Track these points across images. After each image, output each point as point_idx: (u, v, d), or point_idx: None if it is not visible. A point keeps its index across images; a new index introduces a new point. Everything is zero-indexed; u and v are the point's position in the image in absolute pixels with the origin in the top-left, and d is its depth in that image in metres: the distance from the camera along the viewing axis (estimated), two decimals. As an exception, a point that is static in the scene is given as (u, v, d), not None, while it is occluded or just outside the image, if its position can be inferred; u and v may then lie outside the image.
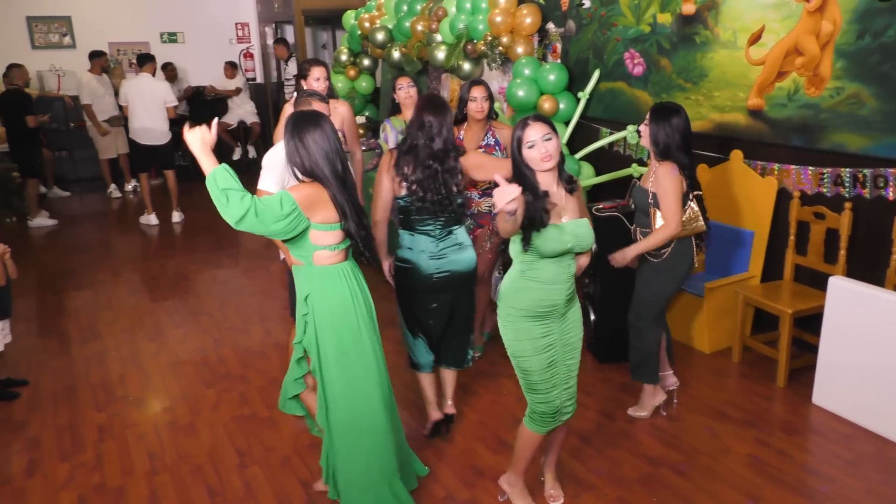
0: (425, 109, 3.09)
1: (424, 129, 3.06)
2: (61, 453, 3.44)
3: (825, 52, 3.80)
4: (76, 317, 5.18)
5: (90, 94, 8.40)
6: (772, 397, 3.80)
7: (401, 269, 3.26)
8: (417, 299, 3.27)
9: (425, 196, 3.06)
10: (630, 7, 4.97)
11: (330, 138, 2.59)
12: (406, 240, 3.21)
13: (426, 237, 3.17)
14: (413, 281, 3.22)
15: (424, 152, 3.05)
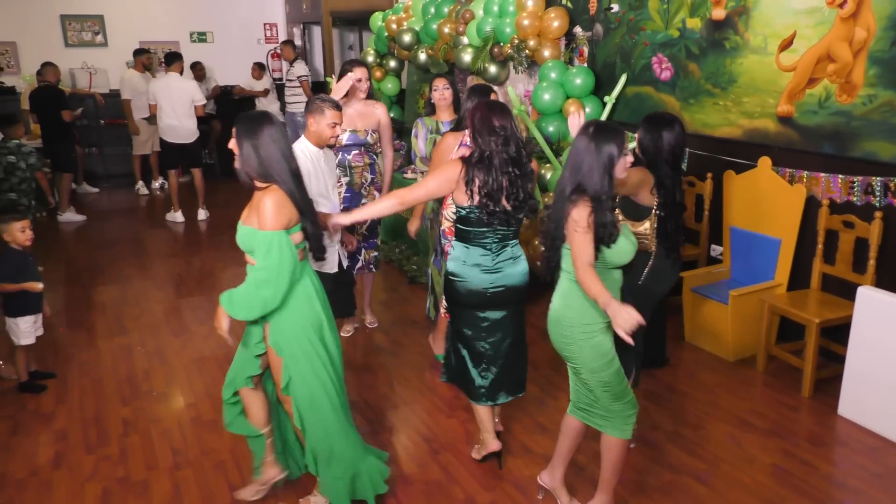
0: (493, 114, 2.84)
1: (496, 134, 2.81)
2: (87, 446, 3.50)
3: (858, 59, 3.75)
4: (103, 311, 5.25)
5: (131, 90, 8.52)
6: (797, 407, 3.75)
7: (451, 282, 3.02)
8: (469, 317, 3.04)
9: (496, 206, 2.82)
10: (659, 11, 4.94)
11: (284, 135, 2.61)
12: (459, 251, 2.98)
13: (481, 249, 2.94)
14: (464, 296, 2.98)
15: (500, 158, 2.81)
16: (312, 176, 3.39)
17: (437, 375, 4.16)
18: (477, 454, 3.30)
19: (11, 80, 9.12)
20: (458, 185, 2.85)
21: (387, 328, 4.85)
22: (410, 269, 5.75)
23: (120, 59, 9.44)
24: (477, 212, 2.85)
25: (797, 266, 4.16)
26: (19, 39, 9.23)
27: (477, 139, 2.84)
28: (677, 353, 4.36)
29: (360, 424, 3.64)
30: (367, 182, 4.44)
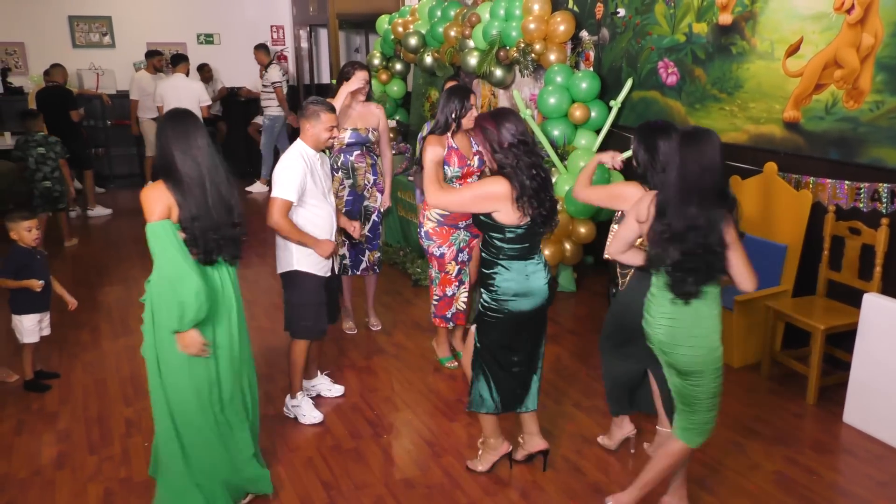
0: (504, 121, 2.81)
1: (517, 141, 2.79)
2: (90, 446, 3.50)
3: (865, 65, 3.74)
4: (108, 312, 5.26)
5: (139, 90, 8.53)
6: (802, 414, 3.73)
7: (507, 310, 2.89)
8: (514, 337, 2.98)
9: (544, 210, 2.82)
10: (665, 16, 4.93)
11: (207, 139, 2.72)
12: (520, 272, 2.87)
13: (534, 259, 2.92)
14: (528, 314, 2.92)
15: (525, 162, 2.78)
16: (310, 180, 3.39)
17: (439, 379, 4.16)
18: (518, 454, 3.27)
19: (19, 80, 9.16)
20: (508, 205, 2.76)
21: (390, 330, 4.85)
22: (414, 272, 5.75)
23: (127, 60, 9.47)
24: (530, 224, 2.82)
25: (803, 272, 4.15)
26: (27, 40, 9.27)
27: (497, 153, 2.81)
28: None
29: (361, 427, 3.64)
30: (370, 183, 4.45)
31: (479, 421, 3.17)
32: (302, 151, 3.42)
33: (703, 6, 4.62)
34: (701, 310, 2.59)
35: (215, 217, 2.69)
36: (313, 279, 3.53)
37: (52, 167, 6.58)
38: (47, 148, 6.54)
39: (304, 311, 3.56)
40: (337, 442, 3.51)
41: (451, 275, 4.09)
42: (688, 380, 2.65)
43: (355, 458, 3.38)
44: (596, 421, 3.67)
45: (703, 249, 2.46)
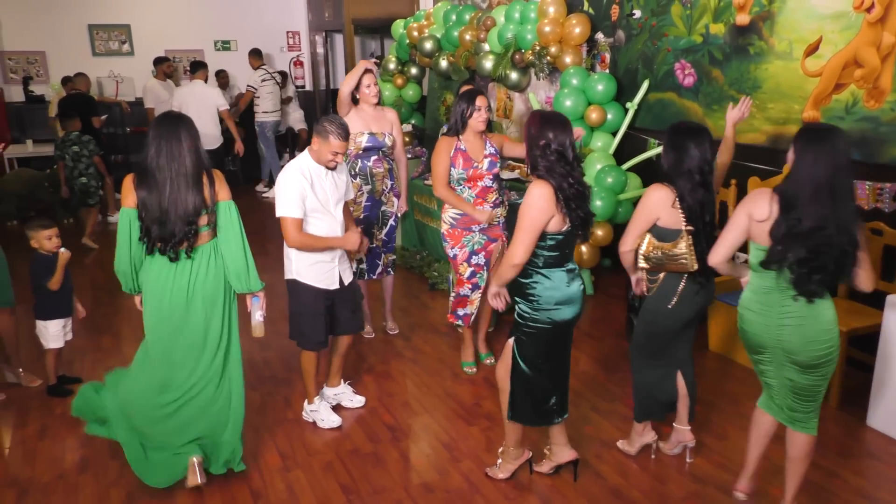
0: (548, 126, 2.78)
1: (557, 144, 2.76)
2: (112, 451, 3.52)
3: (886, 65, 3.70)
4: (129, 316, 5.31)
5: (154, 98, 8.64)
6: (824, 418, 3.66)
7: (554, 320, 2.84)
8: (555, 346, 2.94)
9: (583, 213, 2.80)
10: (682, 17, 4.91)
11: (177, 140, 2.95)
12: (561, 280, 2.84)
13: (570, 263, 2.89)
14: (571, 321, 2.89)
15: (560, 169, 2.75)
16: (309, 192, 3.35)
17: (458, 383, 4.16)
18: (544, 467, 3.22)
19: (41, 88, 9.29)
20: (553, 207, 2.72)
21: (407, 335, 4.86)
22: (431, 276, 5.76)
23: (146, 67, 9.57)
24: (570, 230, 2.80)
25: (824, 274, 4.10)
26: (48, 49, 9.40)
27: (534, 150, 2.78)
28: (701, 363, 4.31)
29: (380, 431, 3.65)
30: (388, 189, 4.47)
31: (505, 429, 3.13)
32: (303, 166, 3.39)
33: (720, 7, 4.60)
34: (823, 303, 2.59)
35: (167, 214, 2.91)
36: (311, 290, 3.51)
37: (87, 164, 7.07)
38: (81, 146, 7.02)
39: (300, 320, 3.58)
40: (355, 446, 3.52)
41: (464, 276, 4.10)
42: (816, 372, 2.65)
43: (374, 462, 3.39)
44: (615, 425, 3.65)
45: (831, 248, 2.45)
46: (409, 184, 6.23)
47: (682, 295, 3.02)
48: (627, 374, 4.14)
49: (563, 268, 2.85)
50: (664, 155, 2.98)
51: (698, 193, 2.90)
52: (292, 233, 3.34)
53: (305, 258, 3.47)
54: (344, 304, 3.65)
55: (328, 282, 3.55)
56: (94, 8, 9.53)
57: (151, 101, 8.65)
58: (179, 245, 2.96)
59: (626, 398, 3.90)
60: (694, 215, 2.91)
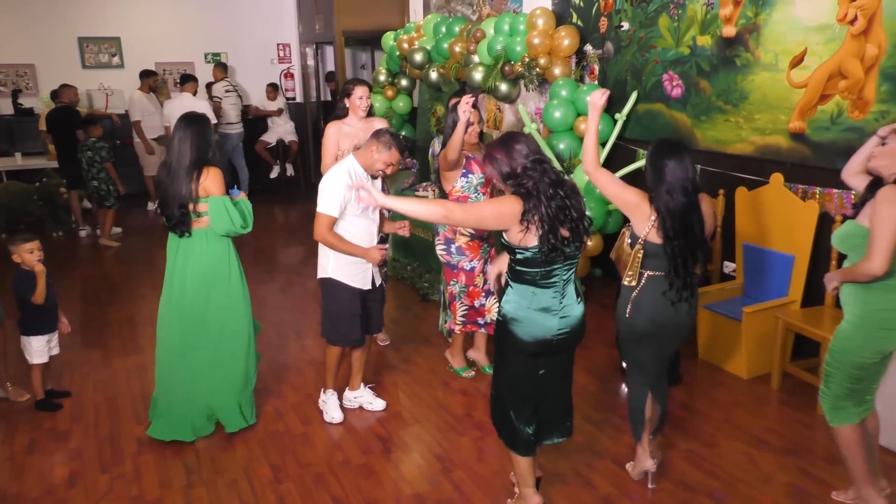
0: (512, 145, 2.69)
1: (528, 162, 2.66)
2: (101, 465, 3.51)
3: (869, 76, 3.75)
4: (119, 330, 5.29)
5: (140, 111, 8.64)
6: (813, 425, 3.71)
7: (508, 327, 2.74)
8: (522, 365, 2.79)
9: (556, 238, 2.60)
10: (669, 29, 4.96)
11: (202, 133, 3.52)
12: (521, 295, 2.71)
13: (550, 291, 2.69)
14: (526, 344, 2.72)
15: (544, 185, 2.62)
16: (353, 195, 3.43)
17: (449, 393, 4.16)
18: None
19: (30, 101, 9.27)
20: (517, 224, 2.61)
21: (398, 345, 4.86)
22: (422, 287, 5.77)
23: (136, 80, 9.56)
24: (541, 249, 2.62)
25: (811, 282, 4.14)
26: (38, 62, 9.39)
27: (510, 177, 2.67)
28: (691, 371, 4.33)
29: (371, 442, 3.65)
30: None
31: (512, 463, 2.98)
32: (350, 167, 3.50)
33: (707, 19, 4.65)
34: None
35: (168, 197, 3.47)
36: (347, 289, 3.63)
37: (99, 169, 7.45)
38: (94, 152, 7.42)
39: (335, 319, 3.69)
40: (347, 458, 3.52)
41: (479, 287, 4.13)
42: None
43: (366, 473, 3.39)
44: (607, 435, 3.66)
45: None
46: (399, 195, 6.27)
47: (635, 303, 2.94)
48: (619, 384, 4.17)
49: (534, 287, 2.68)
50: (646, 174, 2.93)
51: (678, 211, 2.81)
52: (323, 229, 3.48)
53: (343, 257, 3.58)
54: (375, 304, 3.83)
55: (363, 282, 3.67)
56: (83, 20, 9.53)
57: (137, 113, 8.63)
58: (178, 225, 3.49)
59: (618, 408, 3.92)
60: (673, 234, 2.82)
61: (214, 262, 3.58)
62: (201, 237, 3.55)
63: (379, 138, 3.48)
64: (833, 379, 2.85)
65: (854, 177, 2.98)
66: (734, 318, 4.17)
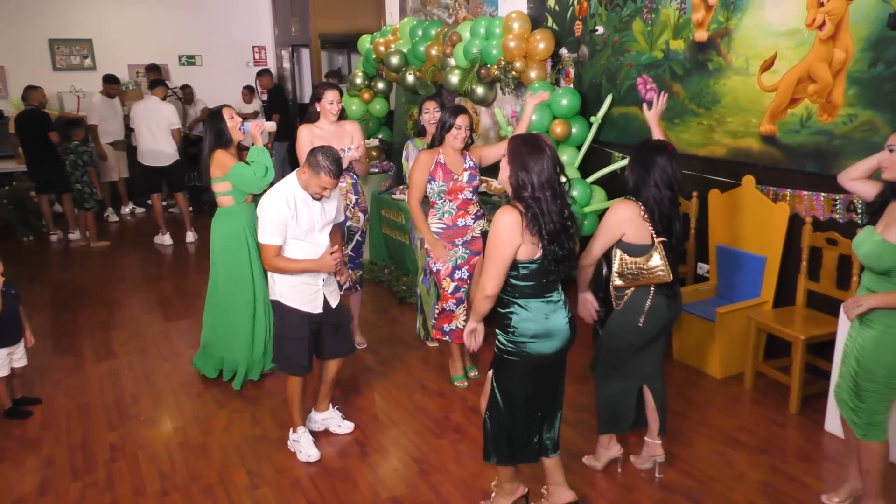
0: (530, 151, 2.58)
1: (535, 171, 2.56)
2: (73, 472, 3.46)
3: (837, 80, 3.82)
4: (91, 335, 5.22)
5: (98, 115, 8.46)
6: (785, 424, 3.77)
7: (529, 354, 2.66)
8: (534, 382, 2.75)
9: (560, 248, 2.58)
10: (643, 33, 5.01)
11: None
12: (536, 310, 2.65)
13: (553, 296, 2.69)
14: (547, 359, 2.68)
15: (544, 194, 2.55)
16: (291, 220, 3.30)
17: (426, 396, 4.16)
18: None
19: (0, 104, 9.11)
20: (523, 236, 2.55)
21: (376, 349, 4.85)
22: (399, 290, 5.76)
23: (108, 82, 9.49)
24: (544, 260, 2.59)
25: (782, 283, 4.20)
26: (7, 64, 9.24)
27: (522, 178, 2.57)
28: (666, 372, 4.32)
29: (348, 446, 3.64)
30: (352, 203, 4.48)
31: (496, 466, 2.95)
32: (288, 192, 3.31)
33: (680, 23, 4.71)
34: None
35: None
36: (295, 314, 3.41)
37: (82, 172, 7.60)
38: (77, 156, 7.56)
39: (283, 343, 3.50)
40: (324, 462, 3.50)
41: (447, 291, 4.11)
42: None
43: (343, 477, 3.37)
44: (582, 435, 3.68)
45: None
46: (376, 198, 6.26)
47: (649, 311, 3.03)
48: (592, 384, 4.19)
49: (542, 298, 2.66)
50: (630, 171, 3.00)
51: (664, 206, 2.93)
52: (269, 258, 3.34)
53: (287, 279, 3.39)
54: (330, 328, 3.55)
55: (312, 305, 3.44)
56: (54, 22, 9.39)
57: (95, 117, 8.44)
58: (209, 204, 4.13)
59: (593, 408, 3.93)
60: (662, 228, 2.93)
61: (228, 239, 4.17)
62: (223, 216, 4.21)
63: (310, 161, 3.24)
64: (871, 395, 2.76)
65: (852, 182, 2.93)
66: (708, 318, 4.22)
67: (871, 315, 2.73)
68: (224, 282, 4.25)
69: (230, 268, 4.21)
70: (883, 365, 2.71)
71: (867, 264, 2.74)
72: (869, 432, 2.81)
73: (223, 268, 4.24)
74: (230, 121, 4.16)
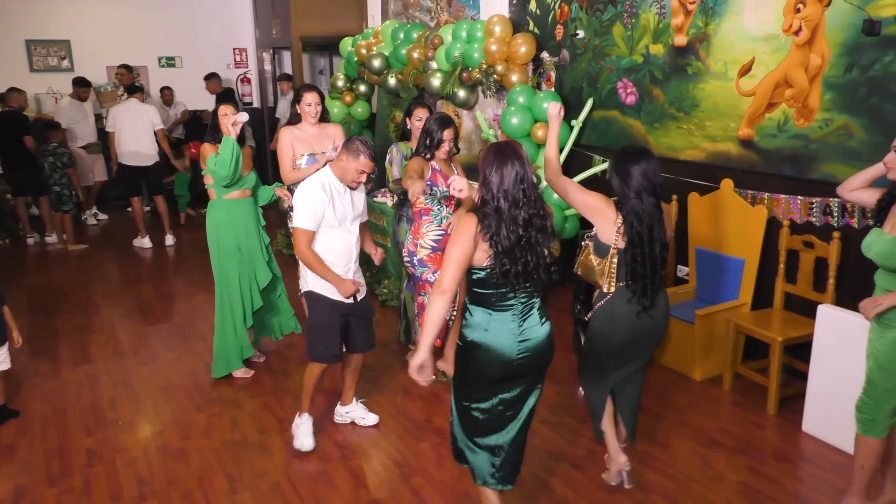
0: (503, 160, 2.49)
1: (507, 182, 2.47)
2: (49, 478, 3.41)
3: (814, 85, 3.87)
4: (68, 339, 5.16)
5: (66, 118, 8.30)
6: (763, 425, 3.80)
7: (471, 356, 2.58)
8: (486, 393, 2.64)
9: (511, 266, 2.48)
10: (623, 38, 5.05)
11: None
12: (480, 319, 2.55)
13: (507, 314, 2.54)
14: (487, 367, 2.56)
15: (512, 213, 2.47)
16: (329, 208, 3.40)
17: (408, 399, 4.15)
18: None
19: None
20: (479, 242, 2.47)
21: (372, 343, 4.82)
22: (381, 293, 5.75)
23: (86, 84, 9.38)
24: (493, 272, 2.49)
25: (760, 285, 4.25)
26: (-17, 64, 9.12)
27: (484, 188, 2.50)
28: (646, 373, 4.37)
29: (329, 449, 3.62)
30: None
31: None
32: (325, 180, 3.44)
33: (659, 28, 4.75)
34: None
35: None
36: (326, 302, 3.52)
37: (61, 174, 7.57)
38: (56, 158, 7.54)
39: (315, 333, 3.57)
40: (304, 466, 3.48)
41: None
42: None
43: (323, 481, 3.36)
44: (563, 437, 3.69)
45: None
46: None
47: (618, 318, 2.98)
48: (575, 387, 4.21)
49: (489, 309, 2.54)
50: (610, 179, 2.98)
51: (644, 216, 2.86)
52: (302, 245, 3.42)
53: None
54: (358, 320, 3.67)
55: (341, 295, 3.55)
56: (32, 23, 9.27)
57: (64, 120, 8.27)
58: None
59: (575, 410, 3.96)
60: (639, 240, 2.87)
61: (210, 231, 4.29)
62: (209, 208, 4.33)
63: (348, 147, 3.41)
64: (883, 393, 2.78)
65: (852, 192, 2.98)
66: (687, 320, 4.26)
67: (890, 314, 2.73)
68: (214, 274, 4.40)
69: (213, 264, 4.35)
70: None
71: (881, 264, 2.75)
72: (870, 428, 2.84)
73: (211, 261, 4.37)
74: (223, 118, 4.23)
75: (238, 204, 4.27)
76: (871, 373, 2.83)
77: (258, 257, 4.36)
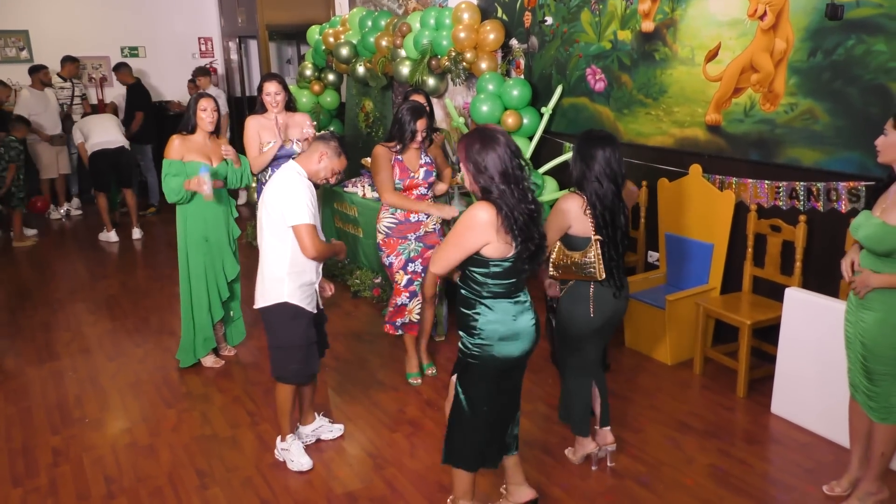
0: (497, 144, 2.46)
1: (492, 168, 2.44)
2: (13, 478, 3.34)
3: (779, 70, 3.90)
4: (32, 337, 5.04)
5: (26, 110, 8.08)
6: (733, 407, 3.85)
7: (494, 357, 2.56)
8: (499, 385, 2.66)
9: (532, 244, 2.48)
10: (591, 24, 5.04)
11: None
12: (508, 310, 2.55)
13: (521, 304, 2.59)
14: (512, 362, 2.59)
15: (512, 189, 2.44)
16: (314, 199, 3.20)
17: (381, 390, 4.13)
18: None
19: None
20: (497, 235, 2.43)
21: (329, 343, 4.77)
22: (353, 284, 5.71)
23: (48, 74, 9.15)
24: (518, 259, 2.49)
25: (729, 270, 4.29)
26: (-61, 55, 8.85)
27: (481, 176, 2.46)
28: (618, 359, 4.43)
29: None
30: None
31: (452, 478, 2.82)
32: (300, 173, 3.18)
33: (627, 14, 4.75)
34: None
35: None
36: (304, 316, 3.22)
37: (4, 167, 7.19)
38: (6, 149, 7.24)
39: (289, 353, 3.24)
40: (276, 459, 3.45)
41: (400, 284, 4.06)
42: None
43: (296, 474, 3.32)
44: (536, 424, 3.70)
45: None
46: (328, 191, 6.18)
47: (594, 299, 3.04)
48: (547, 374, 4.22)
49: (511, 299, 2.56)
50: (572, 164, 2.99)
51: (607, 200, 2.90)
52: (313, 241, 3.11)
53: (298, 278, 3.19)
54: (320, 327, 3.44)
55: (312, 304, 3.28)
56: (-12, 13, 9.03)
57: (24, 111, 8.02)
58: None
59: (547, 398, 3.97)
60: (604, 223, 2.92)
61: (179, 222, 4.26)
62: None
63: (328, 145, 3.18)
64: (885, 378, 2.76)
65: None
66: (658, 305, 4.29)
67: (870, 296, 2.74)
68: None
69: (179, 249, 4.32)
70: (891, 346, 2.73)
71: (868, 247, 2.74)
72: (888, 415, 2.80)
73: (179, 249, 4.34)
74: (202, 112, 4.11)
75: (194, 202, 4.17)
76: (865, 360, 2.80)
77: (226, 249, 4.28)
